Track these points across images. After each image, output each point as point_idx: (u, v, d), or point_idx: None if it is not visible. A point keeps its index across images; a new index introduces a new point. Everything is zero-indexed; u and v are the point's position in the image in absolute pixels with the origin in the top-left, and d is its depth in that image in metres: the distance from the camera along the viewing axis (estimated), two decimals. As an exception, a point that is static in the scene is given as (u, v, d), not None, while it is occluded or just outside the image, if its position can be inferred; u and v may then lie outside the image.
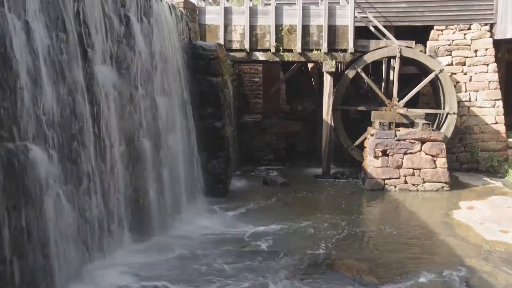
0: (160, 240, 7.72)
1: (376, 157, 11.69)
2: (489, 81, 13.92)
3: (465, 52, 14.03)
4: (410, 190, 11.60)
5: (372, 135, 11.88)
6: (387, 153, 11.67)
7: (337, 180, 12.77)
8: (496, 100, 13.90)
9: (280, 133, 14.94)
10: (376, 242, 8.27)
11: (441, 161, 11.62)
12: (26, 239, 4.73)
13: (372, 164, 11.74)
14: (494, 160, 13.62)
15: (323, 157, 13.28)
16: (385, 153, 11.68)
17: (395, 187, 11.67)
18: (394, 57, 12.88)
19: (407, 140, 11.63)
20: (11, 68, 4.56)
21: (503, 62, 14.78)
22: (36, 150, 4.91)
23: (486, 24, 14.05)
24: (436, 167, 11.62)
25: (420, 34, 14.05)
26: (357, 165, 13.12)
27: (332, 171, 13.29)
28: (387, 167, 11.67)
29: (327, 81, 13.01)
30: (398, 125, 12.37)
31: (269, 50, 12.85)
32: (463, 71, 14.04)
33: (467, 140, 13.96)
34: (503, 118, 13.88)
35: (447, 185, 11.63)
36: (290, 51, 12.86)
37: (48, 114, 5.18)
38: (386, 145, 11.63)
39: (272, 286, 6.28)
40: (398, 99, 12.95)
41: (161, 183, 8.31)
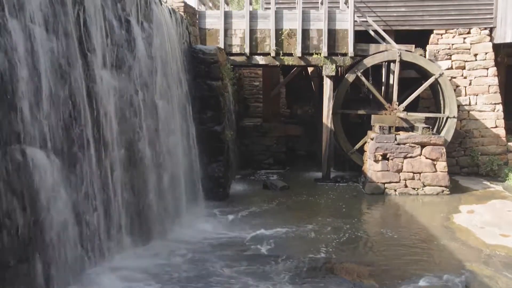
0: (160, 244, 7.70)
1: (376, 161, 11.69)
2: (489, 85, 13.94)
3: (465, 56, 14.07)
4: (410, 194, 11.59)
5: (372, 139, 11.88)
6: (387, 157, 11.67)
7: (337, 184, 12.77)
8: (496, 104, 13.92)
9: (280, 137, 14.94)
10: (376, 246, 8.25)
11: (441, 165, 11.62)
12: (26, 243, 4.72)
13: (372, 168, 11.74)
14: (494, 164, 13.62)
15: (323, 161, 13.28)
16: (385, 157, 11.68)
17: (395, 191, 11.66)
18: (394, 61, 12.91)
19: (407, 144, 11.64)
20: (11, 71, 4.56)
21: (502, 66, 14.80)
22: (36, 153, 4.91)
23: (485, 28, 14.09)
24: (436, 171, 11.62)
25: (420, 38, 14.08)
26: (357, 169, 13.12)
27: (332, 175, 13.29)
28: (387, 171, 11.67)
29: (327, 85, 13.03)
30: (398, 129, 12.39)
31: (269, 54, 12.87)
32: (463, 75, 14.06)
33: (467, 144, 13.97)
34: (503, 122, 13.89)
35: (447, 189, 11.63)
36: (290, 55, 12.88)
37: (48, 118, 5.18)
38: (386, 149, 11.63)
39: (272, 290, 6.27)
40: (398, 103, 12.96)
41: (160, 187, 8.30)
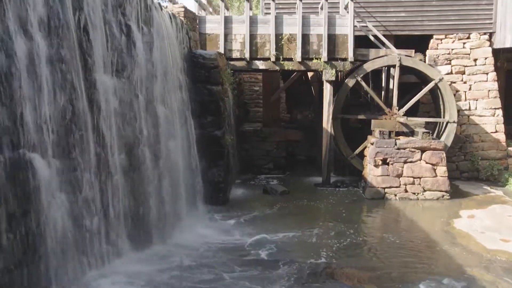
0: (159, 249, 7.69)
1: (376, 165, 11.68)
2: (489, 90, 13.95)
3: (465, 61, 14.09)
4: (411, 199, 11.58)
5: (372, 144, 11.88)
6: (387, 161, 11.67)
7: (337, 189, 12.76)
8: (496, 108, 13.93)
9: (280, 141, 14.94)
10: (377, 251, 8.24)
11: (441, 169, 11.61)
12: (26, 248, 4.71)
13: (372, 173, 11.73)
14: (494, 169, 13.61)
15: (323, 165, 13.27)
16: (385, 161, 11.68)
17: (395, 195, 11.65)
18: (394, 66, 12.93)
19: (407, 149, 11.63)
20: (12, 76, 4.57)
21: (502, 71, 14.82)
22: (36, 158, 4.91)
23: (485, 33, 14.12)
24: (436, 175, 11.61)
25: (420, 43, 14.11)
26: (357, 174, 13.12)
27: (332, 179, 13.27)
28: (387, 175, 11.66)
29: (327, 90, 13.04)
30: (398, 133, 12.39)
31: (269, 59, 12.89)
32: (462, 80, 14.08)
33: (467, 148, 13.97)
34: (503, 126, 13.90)
35: (448, 194, 11.61)
36: (290, 60, 12.90)
37: (48, 123, 5.18)
38: (386, 154, 11.63)
39: (272, 295, 6.26)
40: (398, 107, 12.97)
41: (160, 191, 8.30)
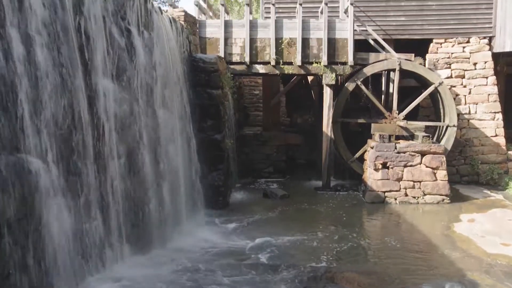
0: (159, 253, 7.68)
1: (376, 169, 11.68)
2: (489, 94, 13.97)
3: (464, 65, 14.11)
4: (411, 203, 11.57)
5: (372, 148, 11.88)
6: (387, 165, 11.66)
7: (337, 193, 12.75)
8: (495, 112, 13.94)
9: (280, 145, 14.94)
10: (377, 255, 8.23)
11: (442, 173, 11.61)
12: (26, 252, 4.70)
13: (372, 177, 11.73)
14: (495, 173, 13.61)
15: (323, 169, 13.26)
16: (385, 165, 11.67)
17: (395, 199, 11.64)
18: (394, 70, 12.94)
19: (407, 153, 11.63)
20: (12, 80, 4.58)
21: (502, 75, 14.85)
22: (36, 162, 4.91)
23: (485, 37, 14.15)
24: (436, 179, 11.61)
25: (419, 47, 14.14)
26: (357, 178, 13.12)
27: (332, 183, 13.27)
28: (387, 179, 11.66)
29: (327, 93, 13.05)
30: (398, 137, 12.39)
31: (269, 63, 12.90)
32: (462, 84, 14.10)
33: (467, 152, 13.97)
34: (503, 130, 13.90)
35: (448, 198, 11.61)
36: (290, 64, 12.91)
37: (48, 127, 5.18)
38: (386, 158, 11.63)
39: (273, 300, 6.24)
40: (398, 111, 12.98)
41: (160, 195, 8.29)
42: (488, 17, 14.11)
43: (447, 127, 13.05)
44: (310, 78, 15.74)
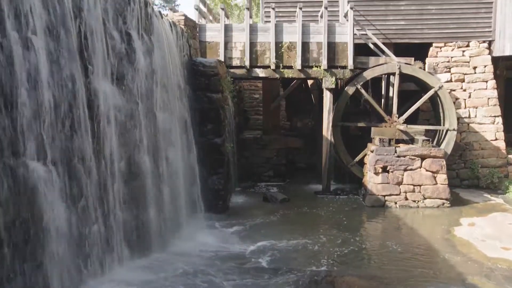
0: (159, 257, 7.66)
1: (376, 173, 11.68)
2: (488, 98, 13.98)
3: (464, 69, 14.14)
4: (411, 207, 11.56)
5: (372, 152, 11.88)
6: (387, 169, 11.66)
7: (337, 197, 12.75)
8: (495, 116, 13.95)
9: (280, 149, 14.94)
10: (377, 259, 8.21)
11: (442, 177, 11.60)
12: (26, 256, 4.69)
13: (373, 181, 11.73)
14: (495, 177, 13.61)
15: (323, 173, 13.26)
16: (385, 169, 11.67)
17: (395, 203, 11.63)
18: (394, 74, 12.96)
19: (407, 157, 11.63)
20: (12, 84, 4.58)
21: (502, 79, 14.88)
22: (36, 166, 4.90)
23: (484, 41, 14.18)
24: (436, 183, 11.60)
25: (419, 51, 14.16)
26: (357, 182, 13.11)
27: (332, 187, 13.27)
28: (388, 183, 11.65)
29: (327, 97, 13.07)
30: (398, 141, 12.40)
31: (269, 66, 12.92)
32: (462, 88, 14.12)
33: (467, 156, 13.97)
34: (503, 134, 13.91)
35: (448, 202, 11.60)
36: (290, 67, 12.93)
37: (48, 131, 5.18)
38: (386, 162, 11.63)
39: (273, 304, 6.22)
40: (398, 115, 12.99)
41: (160, 199, 8.27)
42: (488, 21, 14.15)
43: (447, 131, 13.07)
44: (310, 82, 15.77)
